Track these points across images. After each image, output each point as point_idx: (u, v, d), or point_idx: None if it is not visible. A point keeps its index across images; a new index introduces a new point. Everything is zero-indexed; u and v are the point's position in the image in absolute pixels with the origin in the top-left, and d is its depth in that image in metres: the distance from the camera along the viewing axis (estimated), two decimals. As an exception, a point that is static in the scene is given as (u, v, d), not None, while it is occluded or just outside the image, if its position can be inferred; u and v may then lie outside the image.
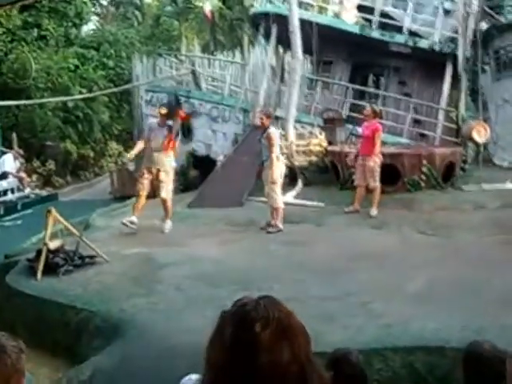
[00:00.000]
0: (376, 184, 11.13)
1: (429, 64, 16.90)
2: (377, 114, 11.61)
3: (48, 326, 6.53)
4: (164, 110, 10.23)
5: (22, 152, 19.55)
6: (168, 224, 10.18)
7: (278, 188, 10.18)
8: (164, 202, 10.16)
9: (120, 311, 6.13)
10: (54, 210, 7.71)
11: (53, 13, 27.57)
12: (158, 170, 9.95)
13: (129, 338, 5.69)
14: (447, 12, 16.99)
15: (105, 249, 8.32)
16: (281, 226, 10.01)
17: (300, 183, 13.84)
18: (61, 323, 6.40)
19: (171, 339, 5.50)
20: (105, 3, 39.21)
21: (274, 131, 10.26)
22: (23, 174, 18.93)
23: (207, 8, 28.60)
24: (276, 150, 10.08)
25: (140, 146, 10.46)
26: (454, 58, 15.85)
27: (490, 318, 5.60)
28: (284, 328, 1.74)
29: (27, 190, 18.83)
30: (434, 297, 6.35)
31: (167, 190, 10.12)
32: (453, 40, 16.30)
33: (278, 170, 10.18)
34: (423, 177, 12.80)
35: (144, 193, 10.06)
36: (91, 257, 7.95)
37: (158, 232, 10.10)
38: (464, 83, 15.45)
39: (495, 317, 5.61)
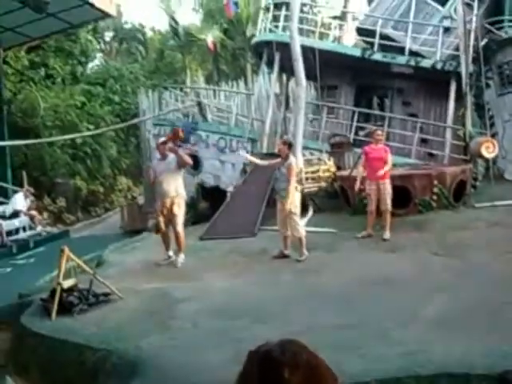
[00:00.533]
0: (388, 207, 11.10)
1: (432, 83, 16.92)
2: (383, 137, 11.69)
3: (63, 366, 6.48)
4: (162, 139, 10.47)
5: (32, 190, 19.65)
6: (181, 257, 10.22)
7: (297, 217, 10.25)
8: (178, 235, 10.20)
9: (136, 349, 6.08)
10: (67, 249, 7.70)
11: (59, 52, 27.99)
12: (172, 203, 10.02)
13: (146, 376, 5.63)
14: (447, 30, 17.07)
15: (118, 285, 8.31)
16: (306, 252, 10.10)
17: (310, 210, 13.82)
18: (77, 363, 6.35)
19: (190, 377, 5.44)
20: (108, 40, 39.75)
21: (295, 161, 10.38)
22: (34, 212, 19.01)
23: (209, 39, 28.89)
24: (294, 181, 10.16)
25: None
26: (458, 75, 15.84)
27: (512, 340, 5.51)
28: (312, 372, 1.74)
29: (39, 228, 18.88)
30: (453, 321, 6.26)
31: (181, 223, 10.22)
32: (455, 57, 16.33)
33: (298, 200, 10.26)
34: (434, 197, 12.73)
35: (165, 229, 10.26)
36: (105, 294, 7.93)
37: (171, 266, 10.09)
38: (469, 100, 15.42)
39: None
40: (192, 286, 8.55)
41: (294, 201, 10.05)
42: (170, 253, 10.41)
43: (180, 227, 10.20)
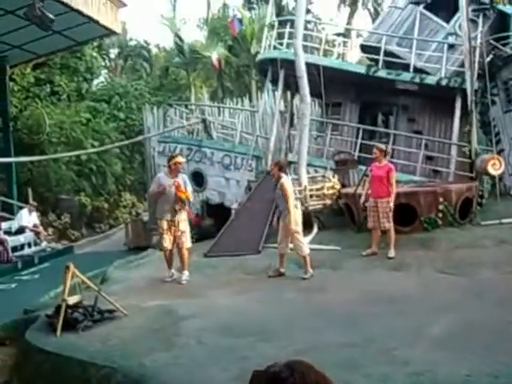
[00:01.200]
0: (390, 225, 11.07)
1: (437, 100, 16.92)
2: (386, 152, 11.58)
3: (67, 382, 6.45)
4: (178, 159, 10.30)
5: (35, 204, 19.71)
6: (186, 275, 10.22)
7: (301, 236, 10.22)
8: (183, 252, 10.21)
9: (141, 366, 6.05)
10: (72, 266, 7.70)
11: (64, 69, 28.16)
12: (179, 220, 10.07)
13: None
14: (452, 46, 17.13)
15: (123, 302, 8.30)
16: (311, 270, 10.06)
17: (315, 227, 13.81)
18: (81, 380, 6.32)
19: (194, 395, 5.42)
20: (113, 56, 40.00)
21: (287, 180, 10.23)
22: (40, 228, 19.04)
23: (214, 56, 29.03)
24: (292, 200, 10.10)
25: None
26: (463, 91, 15.84)
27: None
28: None
29: (44, 244, 18.93)
30: (459, 340, 6.21)
31: (189, 241, 10.32)
32: (460, 74, 16.36)
33: (298, 218, 10.20)
34: (440, 214, 12.69)
35: (171, 246, 10.23)
36: (110, 311, 7.92)
37: (176, 283, 10.08)
38: (474, 116, 15.41)
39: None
40: (196, 303, 8.53)
41: (295, 219, 10.03)
42: (173, 271, 10.42)
43: (188, 244, 10.26)
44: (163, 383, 5.68)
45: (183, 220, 10.14)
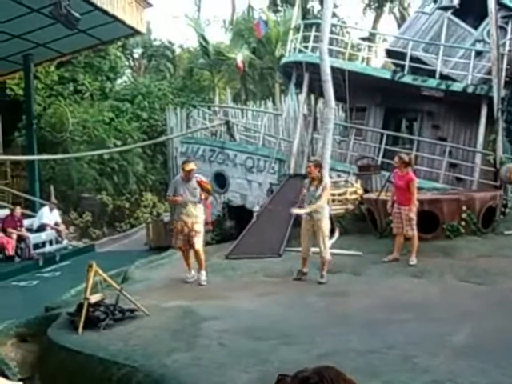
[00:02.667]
0: (413, 232, 10.99)
1: (463, 107, 16.77)
2: (407, 163, 11.40)
3: (88, 380, 6.49)
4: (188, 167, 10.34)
5: (55, 201, 19.86)
6: (203, 275, 10.27)
7: (328, 240, 10.24)
8: (198, 253, 10.27)
9: (162, 366, 6.06)
10: (94, 265, 7.74)
11: (88, 68, 28.41)
12: (193, 222, 10.13)
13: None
14: (479, 53, 16.97)
15: (144, 302, 8.33)
16: (326, 275, 10.08)
17: (337, 232, 13.76)
18: (102, 378, 6.35)
19: (215, 397, 5.42)
20: (137, 56, 40.19)
21: (328, 183, 10.50)
22: (61, 226, 19.18)
23: (239, 59, 29.06)
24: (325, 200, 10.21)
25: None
26: (489, 99, 15.70)
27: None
28: None
29: (65, 242, 19.06)
30: (481, 350, 6.14)
31: (201, 242, 10.38)
32: (486, 81, 16.21)
33: (328, 222, 10.25)
34: (463, 222, 12.60)
35: (184, 247, 10.34)
36: (131, 310, 7.95)
37: (197, 284, 10.10)
38: (500, 125, 15.27)
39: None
40: (217, 305, 8.54)
41: (327, 222, 10.14)
42: (193, 272, 10.52)
43: (199, 245, 10.30)
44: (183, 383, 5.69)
45: (198, 223, 10.21)
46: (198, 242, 10.26)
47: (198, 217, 10.25)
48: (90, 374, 6.51)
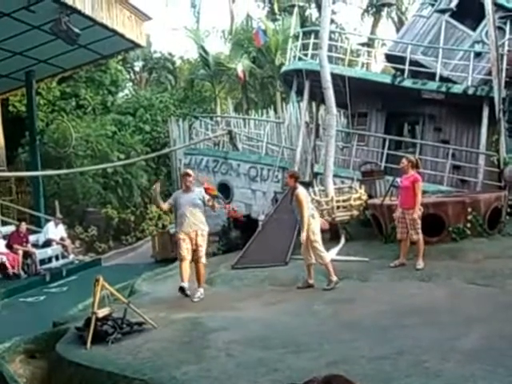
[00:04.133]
0: (418, 236, 10.95)
1: (464, 108, 16.78)
2: (414, 165, 11.40)
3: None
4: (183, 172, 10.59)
5: (60, 216, 19.92)
6: (200, 292, 10.00)
7: (320, 245, 10.12)
8: (200, 267, 10.08)
9: (172, 379, 6.03)
10: (101, 279, 7.74)
11: (89, 82, 28.57)
12: (197, 235, 9.97)
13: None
14: (478, 55, 16.99)
15: (152, 314, 8.33)
16: (335, 278, 10.02)
17: (342, 239, 13.75)
18: (112, 393, 6.35)
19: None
20: (138, 69, 40.33)
21: (302, 191, 10.15)
22: (67, 241, 19.21)
23: (240, 69, 29.13)
24: (307, 210, 9.96)
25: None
26: (490, 100, 15.71)
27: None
28: None
29: (71, 257, 19.09)
30: (493, 354, 6.07)
31: (204, 256, 10.14)
32: (487, 82, 16.22)
33: (316, 227, 10.11)
34: (468, 224, 12.56)
35: (189, 256, 10.02)
36: (139, 323, 7.94)
37: (204, 295, 10.06)
38: (502, 125, 15.26)
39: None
40: (225, 316, 8.52)
41: (311, 228, 9.97)
42: (186, 284, 9.97)
43: (204, 259, 10.09)
44: (194, 396, 5.67)
45: (201, 235, 10.02)
46: (203, 256, 10.07)
47: (200, 228, 10.03)
48: (99, 388, 6.50)
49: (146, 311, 8.33)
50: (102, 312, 7.72)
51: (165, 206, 10.37)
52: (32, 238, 18.51)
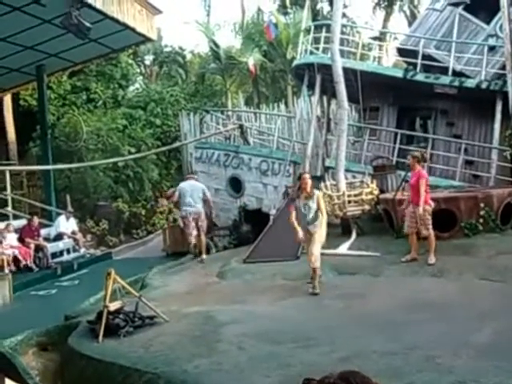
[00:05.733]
0: (428, 232, 10.88)
1: (477, 103, 16.66)
2: (419, 160, 11.30)
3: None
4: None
5: (71, 210, 19.99)
6: (204, 256, 13.78)
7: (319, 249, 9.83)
8: (202, 238, 14.23)
9: (184, 372, 6.05)
10: (113, 272, 7.76)
11: (100, 76, 28.57)
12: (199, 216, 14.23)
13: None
14: (492, 48, 16.84)
15: (163, 308, 8.36)
16: (317, 287, 9.48)
17: (354, 233, 13.71)
18: (124, 386, 6.36)
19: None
20: (148, 63, 40.34)
21: (320, 194, 10.19)
22: (79, 235, 19.25)
23: (251, 62, 29.08)
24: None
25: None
26: (504, 94, 15.58)
27: None
28: None
29: (82, 250, 19.12)
30: (504, 349, 6.05)
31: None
32: (500, 77, 16.09)
33: (325, 230, 9.95)
34: (481, 220, 12.49)
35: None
36: (151, 317, 7.97)
37: (216, 289, 10.09)
38: (515, 120, 15.15)
39: None
40: (236, 309, 8.53)
41: (321, 233, 9.78)
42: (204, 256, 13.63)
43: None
44: (206, 389, 5.68)
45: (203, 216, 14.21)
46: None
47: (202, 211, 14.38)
48: (111, 381, 6.51)
49: (157, 305, 8.36)
50: (114, 305, 7.75)
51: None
52: (43, 231, 18.57)
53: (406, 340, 6.59)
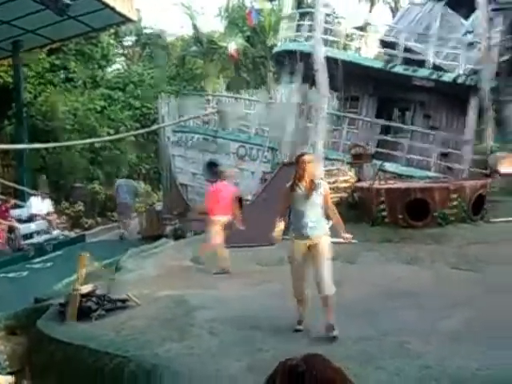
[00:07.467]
0: None
1: (454, 97, 16.89)
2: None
3: (80, 371, 6.45)
4: None
5: (47, 191, 19.76)
6: None
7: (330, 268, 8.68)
8: None
9: (154, 356, 6.04)
10: (85, 255, 7.70)
11: (79, 55, 28.18)
12: None
13: (164, 384, 5.61)
14: (470, 45, 17.02)
15: (136, 291, 8.33)
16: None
17: (330, 221, 13.73)
18: (94, 369, 6.30)
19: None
20: (130, 44, 39.91)
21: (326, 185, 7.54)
22: (53, 216, 19.00)
23: (233, 47, 28.93)
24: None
25: None
26: (479, 89, 15.79)
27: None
28: None
29: (56, 232, 18.86)
30: (472, 335, 6.22)
31: None
32: (476, 72, 16.27)
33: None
34: (454, 210, 12.67)
35: None
36: (123, 300, 7.92)
37: (189, 273, 10.07)
38: (489, 115, 15.35)
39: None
40: (209, 294, 8.53)
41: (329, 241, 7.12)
42: None
43: None
44: (176, 373, 5.66)
45: None
46: None
47: None
48: (81, 365, 6.46)
49: (130, 288, 8.33)
50: (86, 288, 7.70)
51: None
52: (16, 212, 18.18)
53: (379, 326, 6.68)
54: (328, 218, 6.92)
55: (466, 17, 17.66)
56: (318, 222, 6.95)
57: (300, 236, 6.94)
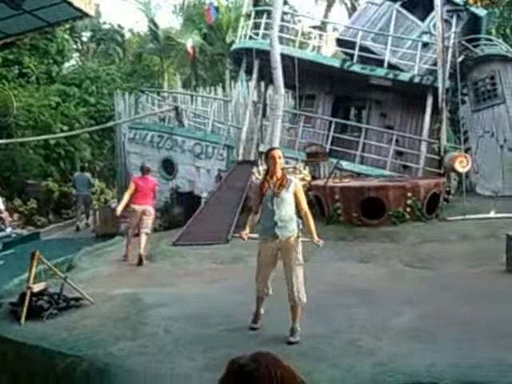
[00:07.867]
0: None
1: (410, 96, 17.13)
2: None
3: (32, 371, 6.36)
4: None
5: (-1, 189, 19.36)
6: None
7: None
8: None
9: (108, 355, 5.99)
10: (38, 253, 7.57)
11: (34, 50, 27.60)
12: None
13: (117, 383, 5.56)
14: (426, 45, 17.29)
15: (90, 290, 8.22)
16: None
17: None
18: (46, 369, 6.23)
19: (162, 384, 5.39)
20: (86, 40, 39.39)
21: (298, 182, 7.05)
22: (5, 213, 18.61)
23: (189, 44, 28.79)
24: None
25: None
26: (434, 90, 16.05)
27: (481, 352, 5.58)
28: None
29: (8, 230, 18.49)
30: (424, 332, 6.32)
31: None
32: (432, 72, 16.55)
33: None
34: (408, 209, 12.85)
35: None
36: (76, 299, 7.82)
37: (144, 271, 10.00)
38: (445, 114, 15.61)
39: (486, 351, 5.59)
40: (164, 292, 8.48)
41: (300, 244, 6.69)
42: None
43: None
44: (130, 372, 5.63)
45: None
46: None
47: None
48: (33, 365, 6.39)
49: (84, 287, 8.21)
50: (38, 287, 7.58)
51: None
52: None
53: (332, 324, 6.74)
54: (300, 217, 6.58)
55: (422, 18, 17.93)
56: (288, 222, 6.49)
57: (268, 236, 6.54)
